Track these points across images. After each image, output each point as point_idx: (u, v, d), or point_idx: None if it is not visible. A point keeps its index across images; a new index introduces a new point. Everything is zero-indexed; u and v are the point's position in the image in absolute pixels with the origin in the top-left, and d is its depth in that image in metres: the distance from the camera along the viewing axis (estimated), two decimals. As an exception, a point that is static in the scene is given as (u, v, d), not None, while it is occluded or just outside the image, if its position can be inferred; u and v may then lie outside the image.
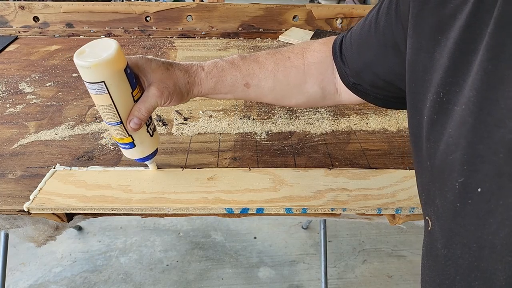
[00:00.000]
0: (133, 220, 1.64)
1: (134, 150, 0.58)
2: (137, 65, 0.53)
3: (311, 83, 0.56)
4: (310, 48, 0.56)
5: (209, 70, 0.56)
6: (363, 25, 0.49)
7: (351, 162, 0.67)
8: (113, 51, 0.48)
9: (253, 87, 0.57)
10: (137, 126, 0.54)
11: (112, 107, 0.52)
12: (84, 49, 0.50)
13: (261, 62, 0.56)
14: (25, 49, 1.10)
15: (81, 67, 0.48)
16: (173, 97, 0.54)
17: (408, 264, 1.50)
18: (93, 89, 0.50)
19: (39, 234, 0.72)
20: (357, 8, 1.21)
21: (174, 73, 0.54)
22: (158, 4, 1.19)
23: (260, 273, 1.45)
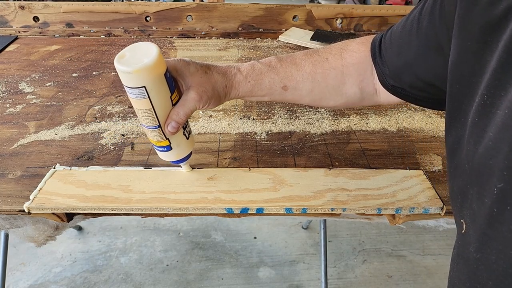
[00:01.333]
0: (133, 220, 1.64)
1: (170, 153, 0.58)
2: (176, 69, 0.52)
3: (350, 84, 0.55)
4: (348, 48, 0.55)
5: (247, 73, 0.55)
6: (405, 25, 0.48)
7: (351, 162, 0.67)
8: (154, 56, 0.48)
9: (290, 90, 0.56)
10: (175, 130, 0.54)
11: (152, 111, 0.52)
12: (124, 53, 0.49)
13: (298, 64, 0.55)
14: (25, 49, 1.10)
15: (122, 72, 0.48)
16: (211, 101, 0.54)
17: (408, 264, 1.50)
18: (133, 93, 0.50)
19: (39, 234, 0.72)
20: (357, 8, 1.21)
21: (212, 76, 0.54)
22: (158, 4, 1.19)
23: (260, 273, 1.45)
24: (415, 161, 0.68)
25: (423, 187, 0.61)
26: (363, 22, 1.21)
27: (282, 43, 1.17)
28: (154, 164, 0.66)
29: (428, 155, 0.70)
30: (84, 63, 1.03)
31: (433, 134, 0.76)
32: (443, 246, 1.58)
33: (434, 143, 0.73)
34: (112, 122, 0.78)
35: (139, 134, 0.74)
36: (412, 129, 0.78)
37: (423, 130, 0.77)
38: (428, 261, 1.51)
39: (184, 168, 0.63)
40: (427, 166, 0.67)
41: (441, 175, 0.65)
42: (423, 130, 0.77)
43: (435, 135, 0.76)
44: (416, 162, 0.68)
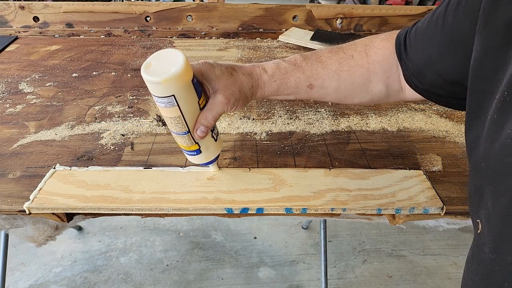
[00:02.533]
0: (133, 220, 1.64)
1: (199, 156, 0.58)
2: (201, 73, 0.52)
3: (376, 81, 0.55)
4: (373, 45, 0.55)
5: (272, 73, 0.55)
6: (430, 21, 0.48)
7: (351, 162, 0.67)
8: (182, 64, 0.47)
9: (316, 88, 0.55)
10: (204, 134, 0.54)
11: (181, 118, 0.52)
12: (150, 62, 0.49)
13: (324, 62, 0.55)
14: (25, 49, 1.10)
15: (150, 82, 0.48)
16: (239, 103, 0.54)
17: (408, 264, 1.50)
18: (162, 102, 0.50)
19: (39, 234, 0.72)
20: (357, 8, 1.21)
21: (238, 78, 0.53)
22: (158, 4, 1.19)
23: (260, 273, 1.45)
24: (415, 161, 0.68)
25: (423, 187, 0.61)
26: (363, 22, 1.21)
27: (282, 43, 1.17)
28: (154, 164, 0.66)
29: (428, 155, 0.70)
30: (84, 63, 1.03)
31: (433, 134, 0.76)
32: (443, 246, 1.58)
33: (434, 143, 0.73)
34: (112, 122, 0.78)
35: (139, 134, 0.74)
36: (412, 129, 0.78)
37: (423, 130, 0.77)
38: (428, 261, 1.51)
39: (212, 168, 0.63)
40: (427, 166, 0.67)
41: (441, 175, 0.65)
42: (423, 130, 0.77)
43: (435, 135, 0.76)
44: (416, 162, 0.68)
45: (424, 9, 1.19)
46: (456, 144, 0.73)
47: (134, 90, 0.90)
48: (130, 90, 0.90)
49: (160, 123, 0.77)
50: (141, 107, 0.83)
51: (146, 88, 0.91)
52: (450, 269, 1.48)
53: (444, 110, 0.85)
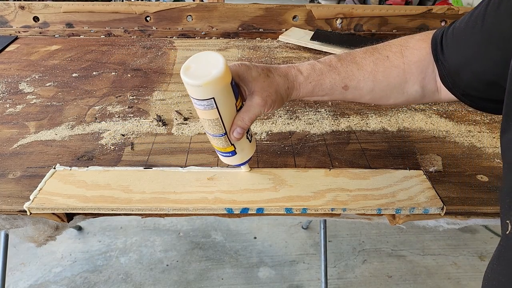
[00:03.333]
0: (133, 220, 1.64)
1: (234, 158, 0.59)
2: (238, 74, 0.52)
3: (412, 82, 0.54)
4: (408, 45, 0.54)
5: (308, 74, 0.55)
6: (468, 21, 0.47)
7: (351, 162, 0.67)
8: (222, 66, 0.47)
9: (351, 89, 0.55)
10: (240, 136, 0.54)
11: (219, 120, 0.52)
12: (190, 65, 0.49)
13: (359, 63, 0.55)
14: (25, 49, 1.10)
15: (191, 85, 0.48)
16: (275, 104, 0.54)
17: (408, 264, 1.50)
18: (201, 105, 0.50)
19: (39, 234, 0.72)
20: (357, 8, 1.21)
21: (274, 79, 0.53)
22: (158, 4, 1.19)
23: (260, 273, 1.45)
24: (415, 161, 0.68)
25: (423, 187, 0.61)
26: (363, 22, 1.21)
27: (282, 43, 1.17)
28: (154, 164, 0.66)
29: (428, 155, 0.70)
30: (84, 63, 1.03)
31: (433, 134, 0.76)
32: (443, 246, 1.58)
33: (434, 143, 0.73)
34: (112, 122, 0.78)
35: (139, 134, 0.74)
36: (412, 129, 0.78)
37: (423, 130, 0.77)
38: (428, 261, 1.51)
39: (244, 169, 0.64)
40: (427, 166, 0.67)
41: (441, 175, 0.65)
42: (423, 130, 0.77)
43: (435, 135, 0.76)
44: (416, 162, 0.68)
45: (424, 9, 1.20)
46: (456, 144, 0.73)
47: (134, 90, 0.90)
48: (130, 90, 0.90)
49: (160, 123, 0.77)
50: (141, 107, 0.83)
51: (146, 88, 0.91)
52: (450, 269, 1.48)
53: (444, 110, 0.85)
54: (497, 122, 0.81)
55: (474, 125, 0.79)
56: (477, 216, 0.61)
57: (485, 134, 0.77)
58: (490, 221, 0.63)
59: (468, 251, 1.56)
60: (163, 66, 1.02)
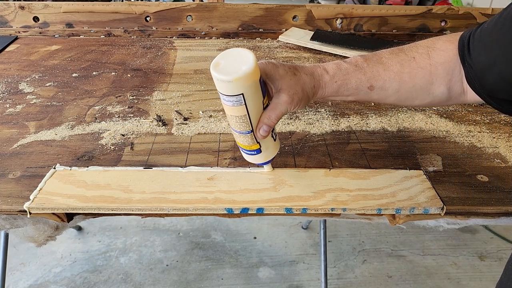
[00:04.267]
0: (133, 220, 1.64)
1: (259, 156, 0.59)
2: (265, 72, 0.52)
3: (438, 84, 0.54)
4: (435, 47, 0.54)
5: (334, 73, 0.55)
6: (497, 22, 0.47)
7: (351, 162, 0.67)
8: (252, 63, 0.48)
9: (377, 90, 0.55)
10: (266, 134, 0.54)
11: (246, 117, 0.52)
12: (219, 61, 0.49)
13: (385, 64, 0.55)
14: (25, 49, 1.10)
15: (221, 81, 0.48)
16: (301, 103, 0.54)
17: (408, 264, 1.50)
18: (230, 101, 0.50)
19: (39, 234, 0.72)
20: (357, 8, 1.21)
21: (301, 78, 0.54)
22: (158, 4, 1.19)
23: (260, 273, 1.45)
24: (415, 161, 0.68)
25: (423, 187, 0.61)
26: (363, 22, 1.21)
27: (282, 43, 1.17)
28: (154, 164, 0.66)
29: (428, 155, 0.70)
30: (84, 63, 1.03)
31: (433, 134, 0.76)
32: (443, 246, 1.58)
33: (434, 143, 0.73)
34: (112, 122, 0.78)
35: (139, 134, 0.74)
36: (412, 129, 0.78)
37: (423, 130, 0.77)
38: (428, 261, 1.51)
39: (266, 168, 0.64)
40: (427, 166, 0.67)
41: (441, 175, 0.65)
42: (423, 130, 0.77)
43: (435, 135, 0.76)
44: (416, 162, 0.68)
45: (424, 9, 1.20)
46: (456, 144, 0.73)
47: (134, 90, 0.90)
48: (130, 90, 0.90)
49: (160, 123, 0.77)
50: (141, 107, 0.83)
51: (146, 88, 0.91)
52: (450, 269, 1.48)
53: (444, 110, 0.85)
54: (497, 122, 0.81)
55: (474, 125, 0.79)
56: (477, 216, 0.61)
57: (485, 134, 0.77)
58: (490, 221, 0.63)
59: (468, 251, 1.56)
60: (163, 66, 1.02)
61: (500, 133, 0.77)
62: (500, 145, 0.73)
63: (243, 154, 0.60)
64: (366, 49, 1.08)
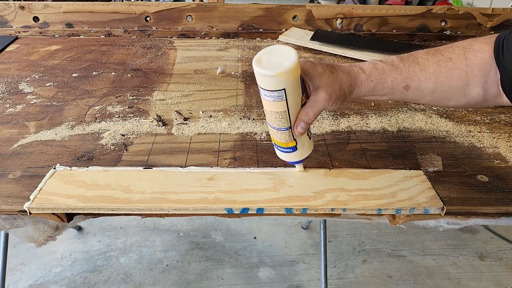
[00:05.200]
0: (133, 220, 1.64)
1: (294, 154, 0.59)
2: (303, 70, 0.53)
3: (474, 85, 0.54)
4: (472, 48, 0.54)
5: (370, 72, 0.56)
6: None
7: (351, 162, 0.67)
8: (295, 58, 0.49)
9: (412, 90, 0.56)
10: (304, 131, 0.55)
11: (286, 113, 0.53)
12: (261, 57, 0.50)
13: (422, 64, 0.55)
14: (25, 49, 1.10)
15: (264, 76, 0.49)
16: (338, 100, 0.55)
17: (408, 264, 1.50)
18: (272, 96, 0.51)
19: (39, 234, 0.72)
20: (357, 8, 1.21)
21: (338, 76, 0.54)
22: (158, 4, 1.19)
23: (260, 273, 1.45)
24: (415, 161, 0.68)
25: (423, 187, 0.61)
26: (363, 22, 1.21)
27: (282, 43, 1.17)
28: (154, 164, 0.66)
29: (428, 155, 0.70)
30: (84, 63, 1.03)
31: (433, 134, 0.76)
32: (443, 246, 1.58)
33: (434, 143, 0.73)
34: (112, 122, 0.78)
35: (139, 134, 0.74)
36: (412, 129, 0.78)
37: (423, 130, 0.77)
38: (428, 261, 1.51)
39: (298, 168, 0.64)
40: (427, 166, 0.67)
41: (441, 175, 0.65)
42: (423, 130, 0.77)
43: (435, 135, 0.76)
44: (416, 162, 0.68)
45: (424, 9, 1.20)
46: (456, 144, 0.73)
47: (134, 90, 0.90)
48: (130, 90, 0.90)
49: (160, 123, 0.77)
50: (141, 107, 0.83)
51: (146, 88, 0.91)
52: (450, 269, 1.48)
53: (444, 110, 0.85)
54: (497, 122, 0.81)
55: (474, 125, 0.79)
56: (477, 216, 0.61)
57: (485, 134, 0.77)
58: (490, 221, 0.63)
59: (468, 251, 1.56)
60: (163, 66, 1.02)
61: (500, 133, 0.77)
62: (500, 145, 0.73)
63: (277, 151, 0.61)
64: (366, 49, 1.08)
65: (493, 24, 1.21)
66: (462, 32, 1.21)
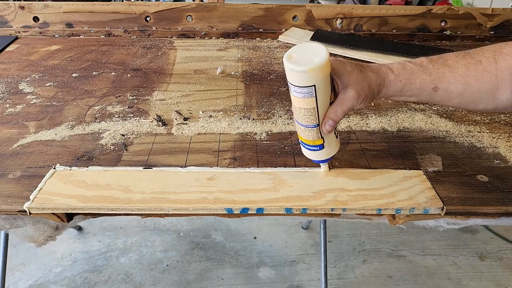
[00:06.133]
0: (133, 220, 1.64)
1: (321, 152, 0.59)
2: (333, 68, 0.53)
3: (504, 89, 0.54)
4: (502, 51, 0.54)
5: (398, 72, 0.56)
6: None
7: (351, 162, 0.67)
8: (325, 55, 0.50)
9: (441, 91, 0.56)
10: (332, 129, 0.55)
11: (315, 110, 0.53)
12: (292, 54, 0.51)
13: (451, 66, 0.55)
14: (25, 49, 1.10)
15: (295, 71, 0.49)
16: (367, 99, 0.55)
17: (408, 264, 1.50)
18: (302, 92, 0.51)
19: (39, 234, 0.72)
20: (357, 8, 1.21)
21: (367, 75, 0.55)
22: (158, 4, 1.19)
23: (260, 273, 1.45)
24: (415, 161, 0.68)
25: (423, 187, 0.61)
26: (363, 22, 1.21)
27: (282, 43, 1.17)
28: (154, 164, 0.66)
29: (428, 155, 0.70)
30: (84, 63, 1.03)
31: (433, 134, 0.76)
32: (443, 246, 1.58)
33: (434, 143, 0.73)
34: (112, 122, 0.78)
35: (139, 134, 0.74)
36: (412, 129, 0.78)
37: (423, 130, 0.77)
38: (428, 261, 1.51)
39: (323, 167, 0.64)
40: (427, 166, 0.67)
41: (441, 175, 0.65)
42: (423, 130, 0.77)
43: (435, 135, 0.76)
44: (416, 162, 0.68)
45: (424, 9, 1.20)
46: (456, 144, 0.73)
47: (134, 90, 0.90)
48: (130, 90, 0.90)
49: (160, 123, 0.77)
50: (141, 107, 0.83)
51: (146, 88, 0.91)
52: (450, 269, 1.48)
53: (444, 110, 0.85)
54: (497, 122, 0.81)
55: (474, 125, 0.79)
56: (477, 216, 0.61)
57: (485, 134, 0.77)
58: (490, 221, 0.63)
59: (468, 251, 1.56)
60: (163, 66, 1.02)
61: (500, 133, 0.77)
62: (500, 145, 0.73)
63: (304, 149, 0.61)
64: (366, 49, 1.08)
65: (493, 24, 1.21)
66: (462, 32, 1.21)
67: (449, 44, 1.20)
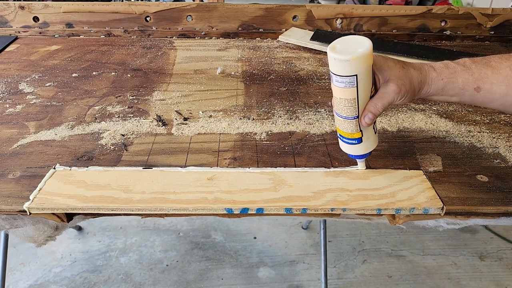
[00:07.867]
0: (133, 220, 1.64)
1: (359, 146, 0.59)
2: (375, 62, 0.54)
3: None
4: None
5: (440, 71, 0.56)
6: None
7: (351, 162, 0.67)
8: (368, 46, 0.50)
9: (483, 92, 0.55)
10: (371, 122, 0.56)
11: (355, 101, 0.54)
12: (335, 45, 0.52)
13: (494, 67, 0.55)
14: (25, 49, 1.10)
15: (339, 60, 0.50)
16: (408, 95, 0.55)
17: (408, 264, 1.50)
18: (343, 82, 0.52)
19: (39, 234, 0.72)
20: (357, 8, 1.21)
21: (409, 71, 0.55)
22: (158, 4, 1.19)
23: (260, 273, 1.45)
24: (415, 161, 0.68)
25: (423, 187, 0.61)
26: (363, 22, 1.21)
27: (282, 43, 1.17)
28: (154, 164, 0.66)
29: (428, 155, 0.70)
30: (84, 63, 1.03)
31: (433, 134, 0.76)
32: (443, 246, 1.58)
33: (434, 143, 0.73)
34: (112, 122, 0.78)
35: (139, 134, 0.74)
36: (412, 129, 0.78)
37: (423, 130, 0.77)
38: (428, 261, 1.51)
39: (360, 165, 0.64)
40: (427, 166, 0.67)
41: (441, 175, 0.65)
42: (423, 130, 0.77)
43: (435, 135, 0.76)
44: (416, 162, 0.68)
45: (424, 9, 1.20)
46: (456, 144, 0.73)
47: (134, 90, 0.90)
48: (130, 90, 0.90)
49: (160, 123, 0.77)
50: (141, 107, 0.83)
51: (146, 88, 0.91)
52: (450, 269, 1.48)
53: (444, 110, 0.85)
54: (497, 122, 0.81)
55: (474, 125, 0.79)
56: (477, 216, 0.61)
57: (485, 134, 0.77)
58: (490, 221, 0.63)
59: (468, 251, 1.56)
60: (163, 66, 1.02)
61: (500, 133, 0.77)
62: (500, 145, 0.73)
63: (342, 143, 0.61)
64: (366, 49, 1.07)
65: (493, 24, 1.21)
66: (462, 32, 1.21)
67: (449, 44, 1.20)
